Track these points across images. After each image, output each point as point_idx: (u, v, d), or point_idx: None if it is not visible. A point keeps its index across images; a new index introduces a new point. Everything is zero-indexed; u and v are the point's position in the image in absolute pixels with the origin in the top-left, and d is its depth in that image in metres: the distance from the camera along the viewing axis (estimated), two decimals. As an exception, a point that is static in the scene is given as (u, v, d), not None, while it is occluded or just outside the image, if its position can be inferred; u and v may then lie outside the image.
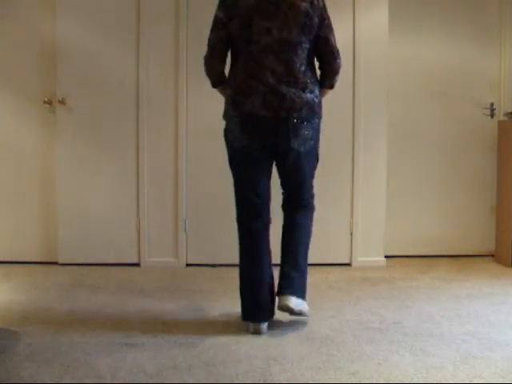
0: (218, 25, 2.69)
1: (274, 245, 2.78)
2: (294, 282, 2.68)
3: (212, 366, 2.22)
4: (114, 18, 4.01)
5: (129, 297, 3.25)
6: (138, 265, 4.07)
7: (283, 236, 2.81)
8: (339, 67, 2.77)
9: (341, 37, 4.00)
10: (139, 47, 3.99)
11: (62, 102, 3.97)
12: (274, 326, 2.73)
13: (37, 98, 4.03)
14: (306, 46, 2.66)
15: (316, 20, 2.65)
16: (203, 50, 3.99)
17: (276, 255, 2.79)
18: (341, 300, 3.21)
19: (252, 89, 2.61)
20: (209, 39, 2.72)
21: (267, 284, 2.69)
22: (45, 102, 4.00)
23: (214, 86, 2.80)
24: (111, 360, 2.28)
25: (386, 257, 4.13)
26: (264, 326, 2.66)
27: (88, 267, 3.97)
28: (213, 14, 4.03)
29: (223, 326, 2.73)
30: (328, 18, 2.71)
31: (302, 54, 2.64)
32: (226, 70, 2.78)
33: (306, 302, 2.76)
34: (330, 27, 2.71)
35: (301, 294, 2.71)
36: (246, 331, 2.65)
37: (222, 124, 2.78)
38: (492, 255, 4.35)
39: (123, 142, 4.05)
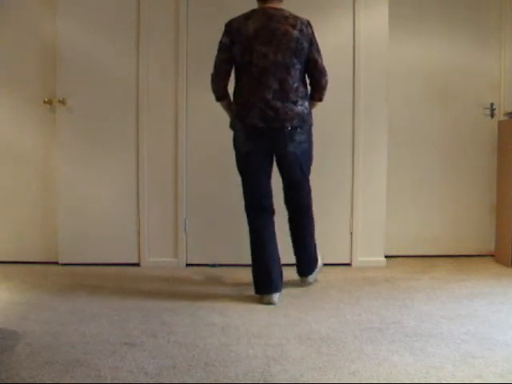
0: (222, 48, 3.14)
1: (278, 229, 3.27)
2: (307, 264, 3.44)
3: (212, 366, 2.22)
4: (114, 18, 4.01)
5: (129, 297, 3.25)
6: (138, 265, 4.07)
7: (290, 227, 3.37)
8: (327, 83, 3.22)
9: (341, 37, 4.05)
10: (139, 47, 4.00)
11: (62, 102, 3.97)
12: (275, 325, 2.74)
13: (37, 98, 4.03)
14: (298, 66, 3.11)
15: (306, 45, 3.11)
16: (203, 49, 4.03)
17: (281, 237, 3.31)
18: (341, 300, 3.21)
19: (252, 104, 3.08)
20: (215, 60, 3.16)
21: (275, 262, 3.19)
22: (45, 102, 4.00)
23: (218, 99, 3.23)
24: (111, 360, 2.28)
25: (386, 257, 4.13)
26: (275, 296, 3.13)
27: (88, 267, 3.98)
28: (213, 15, 4.09)
29: (223, 326, 2.73)
30: (316, 43, 3.16)
31: (295, 73, 3.10)
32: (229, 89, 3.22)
33: (318, 262, 3.50)
34: (318, 50, 3.17)
35: (313, 268, 3.46)
36: (260, 303, 3.10)
37: (230, 132, 3.24)
38: (492, 255, 4.35)
39: (123, 141, 4.05)
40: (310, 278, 3.47)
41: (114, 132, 4.05)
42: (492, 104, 4.41)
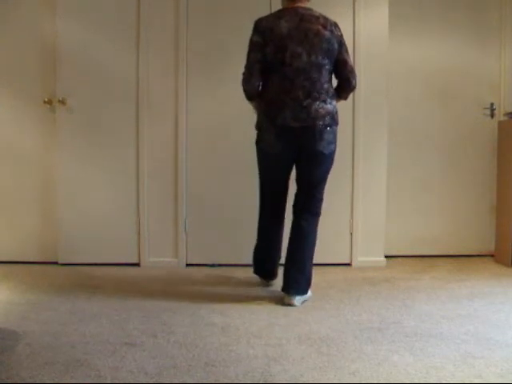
0: (255, 47, 3.09)
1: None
2: (299, 284, 3.13)
3: (212, 366, 2.22)
4: (114, 18, 4.01)
5: (129, 297, 3.25)
6: (138, 265, 4.07)
7: (291, 241, 3.19)
8: (356, 84, 3.23)
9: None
10: (139, 47, 4.00)
11: (62, 102, 3.97)
12: (275, 325, 2.74)
13: (37, 98, 4.03)
14: (328, 67, 3.12)
15: (336, 46, 3.12)
16: (203, 49, 4.03)
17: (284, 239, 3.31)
18: (341, 300, 3.21)
19: (284, 104, 3.05)
20: (247, 60, 3.12)
21: (277, 252, 3.38)
22: (45, 102, 4.00)
23: (250, 99, 3.20)
24: (111, 360, 2.28)
25: (386, 257, 4.13)
26: (271, 282, 3.44)
27: (88, 267, 3.98)
28: (213, 15, 4.08)
29: (223, 326, 2.73)
30: (345, 44, 3.18)
31: (326, 73, 3.11)
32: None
33: (309, 290, 3.20)
34: (347, 51, 3.19)
35: (304, 291, 3.15)
36: (259, 285, 3.44)
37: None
38: (492, 255, 4.35)
39: (123, 141, 4.05)
40: (298, 299, 3.10)
41: (114, 132, 4.04)
42: (492, 104, 4.41)
